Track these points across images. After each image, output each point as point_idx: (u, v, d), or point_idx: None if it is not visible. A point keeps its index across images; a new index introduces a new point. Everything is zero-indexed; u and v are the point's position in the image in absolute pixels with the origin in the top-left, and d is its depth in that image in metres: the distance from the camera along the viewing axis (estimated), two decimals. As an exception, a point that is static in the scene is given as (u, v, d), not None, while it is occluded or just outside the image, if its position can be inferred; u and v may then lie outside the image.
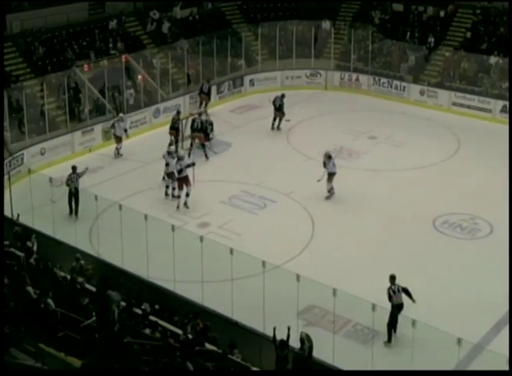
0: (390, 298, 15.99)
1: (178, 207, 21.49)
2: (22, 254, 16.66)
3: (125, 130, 25.22)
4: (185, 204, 21.56)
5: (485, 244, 19.83)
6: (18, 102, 25.23)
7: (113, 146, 25.76)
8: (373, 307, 13.60)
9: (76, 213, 20.97)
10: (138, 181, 23.36)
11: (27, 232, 17.92)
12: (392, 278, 16.26)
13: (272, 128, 27.55)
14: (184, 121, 26.25)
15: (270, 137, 26.66)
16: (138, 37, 31.99)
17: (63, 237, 18.30)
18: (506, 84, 29.32)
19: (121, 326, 12.50)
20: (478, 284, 17.78)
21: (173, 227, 16.39)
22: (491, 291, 17.43)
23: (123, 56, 28.43)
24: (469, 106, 29.37)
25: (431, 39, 32.34)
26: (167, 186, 22.41)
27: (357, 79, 32.19)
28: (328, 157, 21.90)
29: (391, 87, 31.17)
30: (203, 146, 25.26)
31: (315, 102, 30.97)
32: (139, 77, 28.93)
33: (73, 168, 21.20)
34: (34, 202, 19.26)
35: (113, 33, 31.05)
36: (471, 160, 24.84)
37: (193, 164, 22.07)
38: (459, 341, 12.55)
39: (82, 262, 16.47)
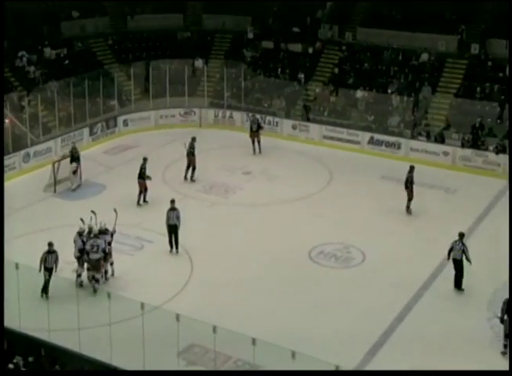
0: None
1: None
2: None
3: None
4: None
5: (359, 271, 20.42)
6: None
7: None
8: (253, 341, 13.62)
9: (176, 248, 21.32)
10: (7, 229, 22.50)
11: None
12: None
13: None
14: (56, 165, 25.58)
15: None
16: (7, 79, 31.17)
17: None
18: (371, 117, 30.59)
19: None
20: (353, 311, 18.23)
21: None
22: (365, 317, 17.95)
23: (-12, 100, 27.56)
24: (339, 139, 30.34)
25: (301, 75, 33.33)
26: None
27: (231, 116, 32.61)
28: None
29: (265, 122, 31.70)
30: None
31: (190, 140, 31.07)
32: (6, 120, 28.05)
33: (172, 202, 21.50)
34: None
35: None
36: (343, 191, 25.61)
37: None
38: (337, 368, 12.82)
39: None
